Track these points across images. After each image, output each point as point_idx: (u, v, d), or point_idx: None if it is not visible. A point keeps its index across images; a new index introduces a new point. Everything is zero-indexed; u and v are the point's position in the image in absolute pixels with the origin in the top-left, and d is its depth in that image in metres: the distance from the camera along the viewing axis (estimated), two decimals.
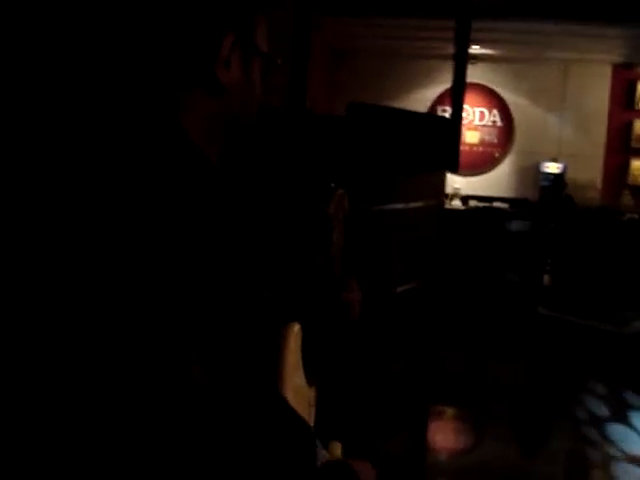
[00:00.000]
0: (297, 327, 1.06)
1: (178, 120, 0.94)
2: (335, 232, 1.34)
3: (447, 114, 7.17)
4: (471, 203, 8.76)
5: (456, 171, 4.11)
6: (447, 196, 8.57)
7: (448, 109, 7.08)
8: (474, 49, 8.10)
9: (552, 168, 8.68)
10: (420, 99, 9.00)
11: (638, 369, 5.54)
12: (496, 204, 8.61)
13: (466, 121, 9.04)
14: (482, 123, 9.20)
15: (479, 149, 9.19)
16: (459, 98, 4.23)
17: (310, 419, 1.15)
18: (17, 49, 0.96)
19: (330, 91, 8.69)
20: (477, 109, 9.17)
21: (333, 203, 1.35)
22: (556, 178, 8.62)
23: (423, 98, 9.06)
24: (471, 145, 9.15)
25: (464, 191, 8.81)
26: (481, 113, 9.19)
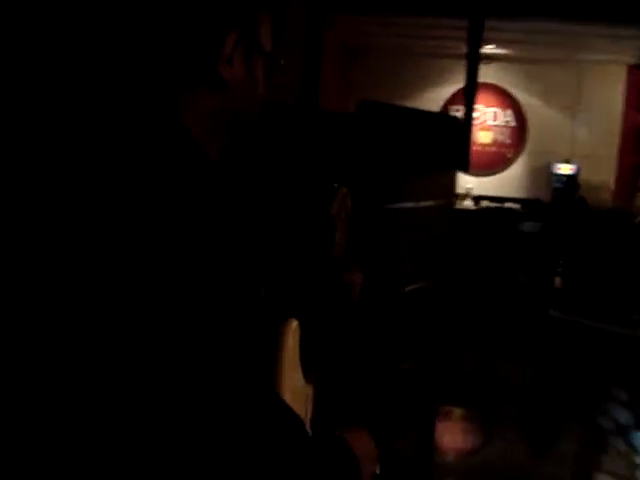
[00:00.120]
0: (295, 324, 1.06)
1: (178, 116, 0.94)
2: (338, 231, 1.35)
3: (460, 114, 7.15)
4: (483, 203, 8.73)
5: (467, 171, 4.10)
6: (459, 196, 8.56)
7: (461, 109, 7.07)
8: (488, 49, 8.07)
9: (565, 169, 8.64)
10: (433, 98, 8.98)
11: None
12: (508, 205, 8.57)
13: (479, 121, 9.02)
14: (495, 123, 9.17)
15: (492, 149, 9.16)
16: (471, 98, 4.22)
17: (307, 416, 1.15)
18: (24, 38, 0.97)
19: (343, 89, 8.68)
20: (490, 109, 9.14)
21: (336, 202, 1.35)
22: (569, 179, 8.58)
23: (436, 97, 9.04)
24: (484, 145, 9.13)
25: (476, 191, 8.78)
26: (494, 113, 9.16)
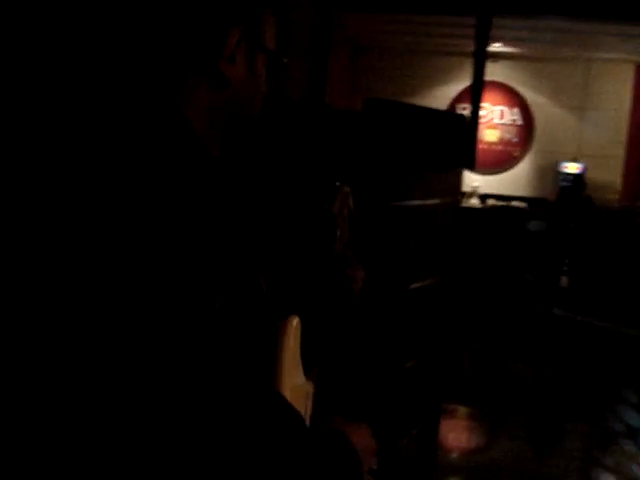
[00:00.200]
0: (296, 320, 1.07)
1: (182, 109, 0.95)
2: (338, 229, 1.36)
3: (467, 112, 7.14)
4: (489, 202, 8.72)
5: (473, 168, 4.10)
6: (465, 194, 8.55)
7: (468, 107, 7.06)
8: (495, 47, 8.05)
9: (571, 168, 8.62)
10: (440, 96, 8.97)
11: None
12: (514, 203, 8.57)
13: (486, 119, 9.01)
14: (502, 122, 9.16)
15: (498, 147, 9.15)
16: (478, 96, 4.22)
17: (307, 413, 1.15)
18: (17, 48, 0.98)
19: (351, 87, 8.68)
20: (497, 107, 9.12)
21: (338, 201, 1.37)
22: (575, 178, 8.56)
23: (443, 95, 9.03)
24: (490, 143, 9.11)
25: (482, 189, 8.78)
26: (501, 111, 9.14)
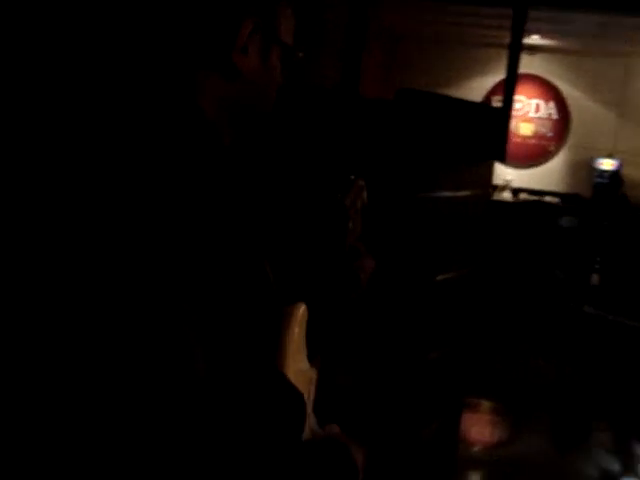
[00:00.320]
0: (303, 307, 1.08)
1: (196, 98, 0.95)
2: (351, 222, 1.37)
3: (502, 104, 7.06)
4: (522, 196, 8.64)
5: (504, 161, 4.07)
6: (497, 187, 8.48)
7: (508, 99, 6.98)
8: (533, 39, 7.95)
9: (607, 164, 8.49)
10: (477, 88, 8.87)
11: None
12: (547, 198, 8.47)
13: (521, 112, 8.90)
14: (537, 115, 9.03)
15: (532, 141, 9.03)
16: (511, 88, 4.18)
17: (309, 398, 1.16)
18: (36, 27, 0.99)
19: (385, 76, 8.64)
20: (533, 101, 9.00)
21: (351, 194, 1.39)
22: (610, 175, 8.44)
23: (480, 87, 8.94)
24: (525, 137, 9.00)
25: (515, 183, 8.69)
26: (537, 105, 9.02)
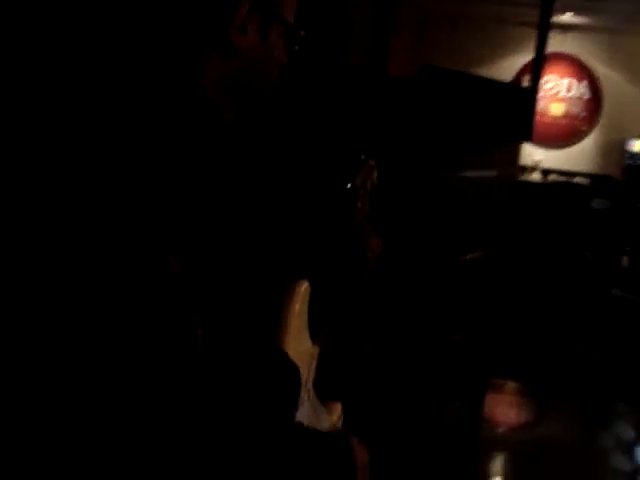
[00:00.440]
0: (305, 284, 1.09)
1: (200, 78, 0.95)
2: (359, 201, 1.39)
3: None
4: (551, 177, 8.54)
5: (530, 141, 4.03)
6: (527, 168, 8.39)
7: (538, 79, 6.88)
8: (566, 17, 7.81)
9: (638, 146, 8.36)
10: (508, 67, 8.76)
11: None
12: (577, 179, 8.37)
13: (552, 92, 8.77)
14: (569, 95, 8.89)
15: (564, 121, 8.90)
16: (538, 67, 4.13)
17: (310, 374, 1.18)
18: (37, 17, 0.99)
19: (415, 55, 8.56)
20: (565, 80, 8.86)
21: (362, 173, 1.40)
22: None
23: (511, 67, 8.82)
24: (555, 117, 8.87)
25: (545, 164, 8.59)
26: (569, 85, 8.87)
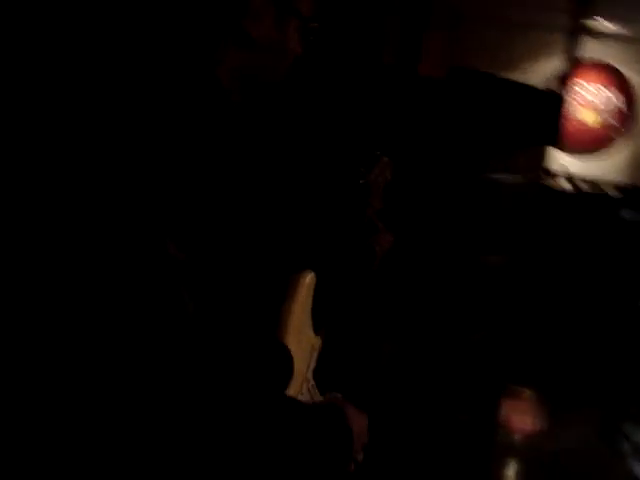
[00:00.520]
0: (310, 276, 1.11)
1: (214, 68, 0.96)
2: (372, 197, 1.40)
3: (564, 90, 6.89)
4: (580, 184, 8.46)
5: (556, 146, 4.01)
6: (553, 174, 8.33)
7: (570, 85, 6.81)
8: (600, 24, 7.74)
9: None
10: (541, 72, 8.70)
11: None
12: (606, 188, 8.29)
13: (583, 99, 8.69)
14: (601, 102, 8.81)
15: (594, 129, 8.81)
16: (568, 73, 4.11)
17: (311, 364, 1.20)
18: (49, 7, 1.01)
19: (448, 56, 8.53)
20: (596, 87, 8.77)
21: (376, 170, 1.41)
22: None
23: (544, 71, 8.75)
24: (586, 124, 8.79)
25: (574, 171, 8.51)
26: (600, 91, 8.78)
